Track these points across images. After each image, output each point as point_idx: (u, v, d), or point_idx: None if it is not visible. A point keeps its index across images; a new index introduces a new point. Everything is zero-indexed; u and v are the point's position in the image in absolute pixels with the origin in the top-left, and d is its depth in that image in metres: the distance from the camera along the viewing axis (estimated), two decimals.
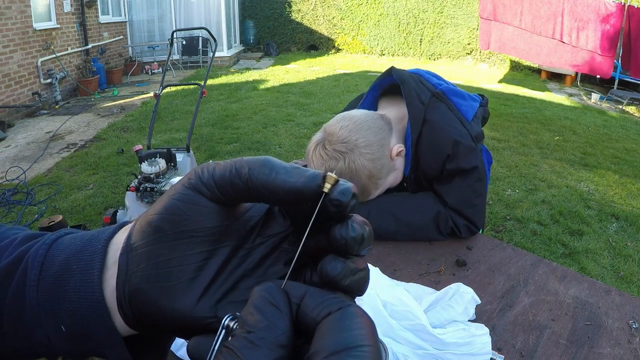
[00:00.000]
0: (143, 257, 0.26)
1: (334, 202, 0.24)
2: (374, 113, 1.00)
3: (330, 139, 0.93)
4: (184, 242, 0.26)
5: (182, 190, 0.26)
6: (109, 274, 0.27)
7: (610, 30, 6.29)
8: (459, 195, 0.99)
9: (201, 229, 0.26)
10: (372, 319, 0.23)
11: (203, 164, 0.27)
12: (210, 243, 0.27)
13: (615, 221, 3.21)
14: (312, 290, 0.24)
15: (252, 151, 4.32)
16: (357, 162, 0.92)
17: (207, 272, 0.27)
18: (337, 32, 11.75)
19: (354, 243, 0.24)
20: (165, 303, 0.26)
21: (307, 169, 0.25)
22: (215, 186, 0.26)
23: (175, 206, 0.26)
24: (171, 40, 3.45)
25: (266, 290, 0.24)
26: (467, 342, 0.63)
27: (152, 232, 0.26)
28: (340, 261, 0.24)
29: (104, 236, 0.29)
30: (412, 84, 1.04)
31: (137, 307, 0.26)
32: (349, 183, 0.25)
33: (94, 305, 0.27)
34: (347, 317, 0.22)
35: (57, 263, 0.28)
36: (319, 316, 0.23)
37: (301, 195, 0.25)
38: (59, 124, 5.27)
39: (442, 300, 0.69)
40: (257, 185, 0.25)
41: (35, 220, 3.00)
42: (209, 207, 0.26)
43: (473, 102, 1.08)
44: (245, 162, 0.26)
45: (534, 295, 0.82)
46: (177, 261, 0.26)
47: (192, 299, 0.26)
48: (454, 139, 0.98)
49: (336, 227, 0.24)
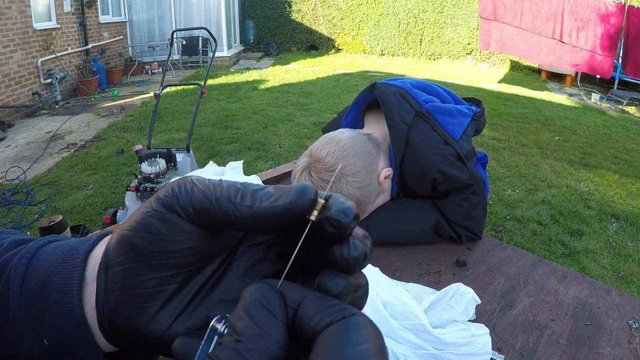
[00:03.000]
0: (119, 276, 0.25)
1: (333, 222, 0.22)
2: (361, 134, 0.96)
3: (317, 165, 0.90)
4: (161, 263, 0.24)
5: (157, 207, 0.24)
6: (88, 290, 0.26)
7: (611, 30, 6.30)
8: (457, 210, 0.98)
9: (179, 250, 0.24)
10: (379, 328, 0.21)
11: (179, 179, 0.25)
12: (190, 263, 0.25)
13: (615, 221, 3.21)
14: (311, 294, 0.22)
15: (252, 151, 4.32)
16: (344, 191, 0.90)
17: (185, 292, 0.25)
18: (337, 32, 11.75)
19: (357, 262, 0.22)
20: (141, 325, 0.25)
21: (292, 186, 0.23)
22: (193, 212, 0.24)
23: (151, 224, 0.24)
24: (171, 40, 3.45)
25: (259, 291, 0.21)
26: (467, 342, 0.63)
27: (127, 249, 0.25)
28: (342, 278, 0.22)
29: (83, 248, 0.28)
30: (394, 104, 1.00)
31: (117, 327, 0.25)
32: (348, 202, 0.23)
33: (75, 321, 0.26)
34: (352, 329, 0.20)
35: (38, 274, 0.27)
36: (318, 325, 0.20)
37: (292, 215, 0.22)
38: (59, 124, 5.27)
39: (442, 300, 0.69)
40: (242, 220, 0.23)
41: (35, 220, 3.00)
42: (187, 227, 0.24)
43: (463, 119, 1.02)
44: (225, 194, 0.23)
45: (534, 296, 0.82)
46: (153, 282, 0.25)
47: (166, 321, 0.25)
48: (438, 168, 0.94)
49: (336, 244, 0.22)
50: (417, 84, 1.12)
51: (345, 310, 0.21)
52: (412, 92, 1.05)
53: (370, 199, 0.96)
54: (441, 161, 0.95)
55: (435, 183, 0.96)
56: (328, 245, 0.23)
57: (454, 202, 0.98)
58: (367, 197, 0.94)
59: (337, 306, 0.21)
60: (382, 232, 0.97)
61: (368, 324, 0.20)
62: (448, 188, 0.97)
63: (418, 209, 1.01)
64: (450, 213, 0.98)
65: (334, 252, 0.22)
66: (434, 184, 0.97)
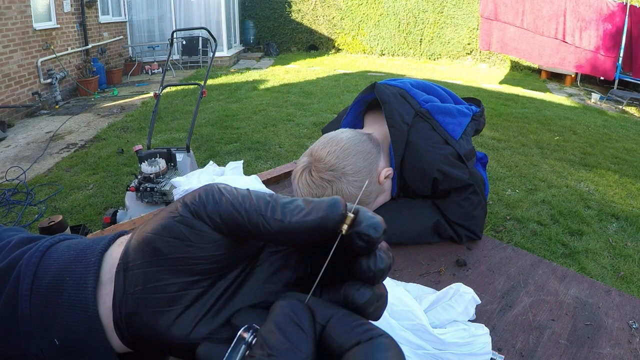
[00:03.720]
0: (140, 279, 0.25)
1: (363, 236, 0.22)
2: (362, 134, 0.96)
3: (317, 165, 0.90)
4: (186, 268, 0.24)
5: (184, 213, 0.24)
6: (104, 291, 0.26)
7: (613, 30, 6.29)
8: (458, 210, 0.98)
9: (206, 257, 0.24)
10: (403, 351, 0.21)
11: (206, 186, 0.25)
12: (214, 270, 0.25)
13: (615, 221, 3.21)
14: (339, 312, 0.23)
15: (252, 151, 4.32)
16: (344, 190, 0.90)
17: (208, 297, 0.25)
18: (337, 32, 11.75)
19: (382, 275, 0.23)
20: (161, 328, 0.25)
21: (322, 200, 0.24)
22: (221, 222, 0.24)
23: (177, 229, 0.24)
24: (171, 40, 3.45)
25: (290, 307, 0.22)
26: (468, 342, 0.63)
27: (150, 253, 0.24)
28: (368, 288, 0.23)
29: (98, 248, 0.27)
30: (394, 104, 1.00)
31: (135, 330, 0.25)
32: (377, 216, 0.23)
33: (88, 322, 0.25)
34: (379, 350, 0.20)
35: (50, 273, 0.26)
36: (346, 343, 0.21)
37: (324, 229, 0.23)
38: (59, 124, 5.27)
39: (442, 300, 0.69)
40: (272, 233, 0.23)
41: (35, 220, 3.00)
42: (214, 236, 0.24)
43: (463, 119, 1.03)
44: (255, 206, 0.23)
45: (534, 295, 0.82)
46: (176, 287, 0.24)
47: (187, 326, 0.25)
48: (438, 167, 0.95)
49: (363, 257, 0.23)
50: (417, 84, 1.12)
51: (373, 331, 0.21)
52: (412, 92, 1.05)
53: (371, 199, 0.96)
54: (441, 161, 0.95)
55: (436, 183, 0.96)
56: (354, 257, 0.23)
57: (454, 202, 0.98)
58: (368, 197, 0.94)
59: (364, 326, 0.22)
60: None
61: (394, 346, 0.21)
62: (448, 188, 0.97)
63: (418, 209, 1.01)
64: (450, 213, 0.98)
65: (362, 264, 0.23)
66: (434, 184, 0.97)
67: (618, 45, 6.42)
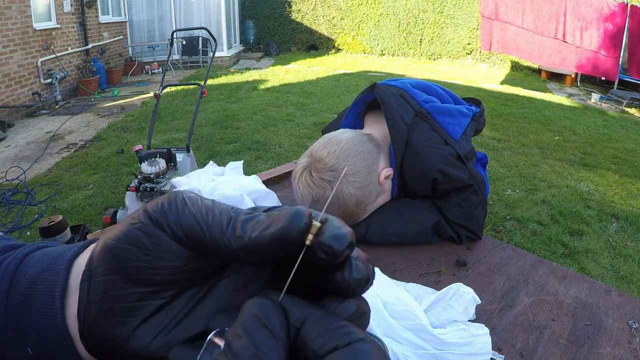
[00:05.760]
0: (101, 287, 0.24)
1: (325, 247, 0.20)
2: (362, 135, 0.96)
3: (317, 165, 0.90)
4: (144, 278, 0.23)
5: (144, 220, 0.23)
6: (71, 300, 0.25)
7: (614, 30, 6.29)
8: (458, 210, 0.98)
9: (164, 268, 0.23)
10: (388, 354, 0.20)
11: (170, 194, 0.24)
12: (176, 282, 0.24)
13: (615, 221, 3.21)
14: (316, 313, 0.20)
15: (252, 151, 4.32)
16: (344, 190, 0.90)
17: (169, 309, 0.24)
18: (337, 32, 11.75)
19: (358, 285, 0.21)
20: (119, 339, 0.24)
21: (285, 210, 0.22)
22: (183, 236, 0.23)
23: (137, 237, 0.23)
24: (171, 40, 3.45)
25: (259, 307, 0.20)
26: (468, 342, 0.63)
27: (111, 260, 0.24)
28: (351, 303, 0.21)
29: (68, 256, 0.27)
30: (393, 105, 1.00)
31: (96, 340, 0.24)
32: (345, 227, 0.21)
33: (57, 331, 0.25)
34: (359, 358, 0.18)
35: (24, 281, 0.26)
36: (322, 350, 0.19)
37: (285, 242, 0.21)
38: (59, 124, 5.27)
39: (442, 300, 0.69)
40: (233, 251, 0.21)
41: (35, 220, 3.00)
42: (173, 246, 0.23)
43: (462, 119, 1.03)
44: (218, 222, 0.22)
45: (534, 295, 0.82)
46: (134, 297, 0.23)
47: (147, 337, 0.24)
48: (438, 168, 0.95)
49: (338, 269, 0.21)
50: (416, 84, 1.12)
51: (352, 335, 0.19)
52: (412, 93, 1.05)
53: (371, 199, 0.96)
54: (441, 161, 0.95)
55: (435, 183, 0.96)
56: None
57: (454, 202, 0.98)
58: (368, 197, 0.95)
59: (342, 329, 0.19)
60: (383, 232, 0.97)
61: (376, 352, 0.18)
62: (448, 188, 0.97)
63: (418, 209, 1.01)
64: (450, 213, 0.98)
65: (335, 275, 0.21)
66: (434, 184, 0.97)
67: (619, 45, 6.41)
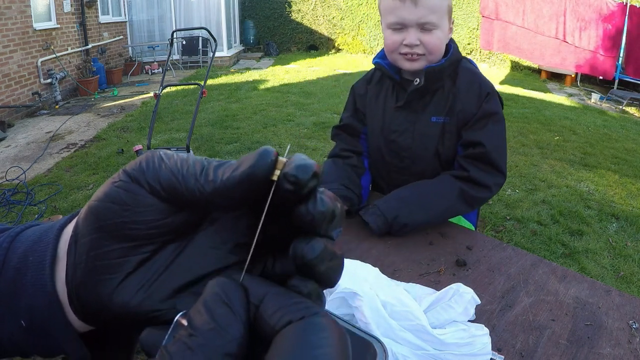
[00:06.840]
0: (85, 248, 0.25)
1: (290, 177, 0.21)
2: None
3: None
4: (125, 234, 0.24)
5: (123, 178, 0.24)
6: (60, 266, 0.26)
7: (612, 30, 6.29)
8: (494, 140, 1.08)
9: (143, 222, 0.24)
10: (344, 329, 0.19)
11: (148, 153, 0.25)
12: (155, 236, 0.25)
13: (615, 221, 3.21)
14: (274, 289, 0.21)
15: (252, 151, 4.32)
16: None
17: (150, 264, 0.25)
18: (337, 32, 11.75)
19: (323, 219, 0.21)
20: (104, 296, 0.24)
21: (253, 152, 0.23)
22: (161, 190, 0.23)
23: (117, 194, 0.24)
24: (171, 40, 3.45)
25: (220, 285, 0.20)
26: (467, 342, 0.63)
27: (93, 220, 0.24)
28: (319, 242, 0.21)
29: (57, 225, 0.28)
30: None
31: (83, 302, 0.25)
32: (310, 160, 0.22)
33: (47, 298, 0.25)
34: (311, 330, 0.18)
35: (17, 256, 0.27)
36: (277, 324, 0.19)
37: (254, 179, 0.21)
38: (59, 124, 5.27)
39: (442, 300, 0.69)
40: (207, 197, 0.22)
41: (35, 220, 2.99)
42: (149, 200, 0.24)
43: None
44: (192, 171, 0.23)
45: (534, 296, 0.82)
46: (117, 253, 0.24)
47: (129, 293, 0.24)
48: (493, 87, 1.12)
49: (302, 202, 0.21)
50: None
51: (307, 310, 0.19)
52: None
53: (445, 22, 1.09)
54: (493, 85, 1.13)
55: (488, 98, 1.09)
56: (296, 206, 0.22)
57: (491, 131, 1.09)
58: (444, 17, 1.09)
59: (298, 304, 0.20)
60: (413, 219, 1.01)
61: (331, 325, 0.19)
62: (492, 107, 1.09)
63: (437, 185, 1.08)
64: (487, 141, 1.07)
65: (299, 207, 0.21)
66: (484, 99, 1.09)
67: (617, 45, 6.41)
